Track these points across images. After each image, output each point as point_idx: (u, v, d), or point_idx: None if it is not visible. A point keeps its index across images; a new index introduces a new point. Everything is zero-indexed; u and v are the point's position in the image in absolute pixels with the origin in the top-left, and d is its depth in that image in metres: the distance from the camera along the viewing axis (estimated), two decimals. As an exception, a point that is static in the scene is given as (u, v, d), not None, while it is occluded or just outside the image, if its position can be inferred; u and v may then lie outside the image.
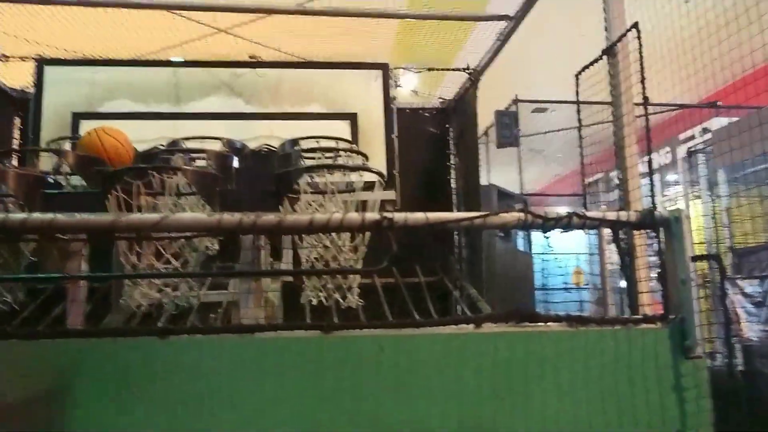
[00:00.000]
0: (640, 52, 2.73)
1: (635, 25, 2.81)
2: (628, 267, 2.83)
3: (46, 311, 3.44)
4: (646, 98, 2.75)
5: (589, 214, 2.41)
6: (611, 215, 2.45)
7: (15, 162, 4.12)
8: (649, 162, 2.65)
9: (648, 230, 2.50)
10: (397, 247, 2.43)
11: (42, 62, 4.48)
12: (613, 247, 3.57)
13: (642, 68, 2.78)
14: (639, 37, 2.78)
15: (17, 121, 5.04)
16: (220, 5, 3.89)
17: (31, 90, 4.82)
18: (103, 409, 2.12)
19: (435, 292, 4.23)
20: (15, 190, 2.72)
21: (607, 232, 5.40)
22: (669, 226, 2.43)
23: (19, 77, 4.97)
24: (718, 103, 7.00)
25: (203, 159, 3.63)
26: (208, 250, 3.34)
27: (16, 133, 5.01)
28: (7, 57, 4.60)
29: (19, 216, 2.17)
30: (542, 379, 2.23)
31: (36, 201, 2.73)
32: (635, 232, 2.76)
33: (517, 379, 2.22)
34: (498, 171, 8.85)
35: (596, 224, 2.46)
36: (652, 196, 2.59)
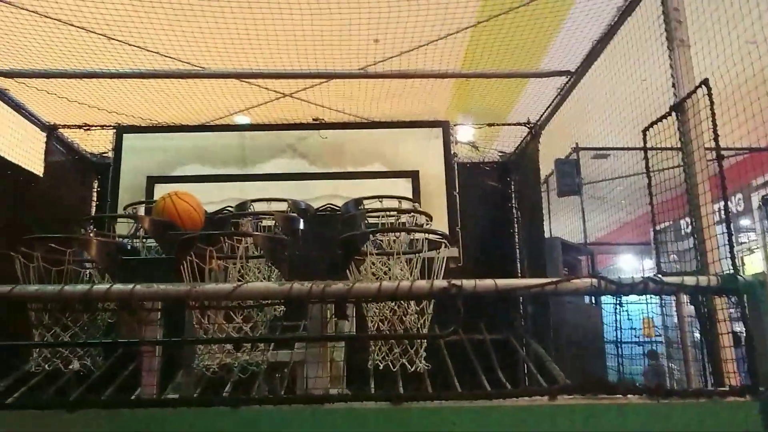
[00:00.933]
0: (712, 110, 2.65)
1: (705, 82, 2.74)
2: (709, 332, 2.69)
3: (110, 376, 3.55)
4: (720, 155, 2.66)
5: (666, 279, 2.32)
6: (690, 280, 2.34)
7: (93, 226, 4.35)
8: (727, 221, 2.54)
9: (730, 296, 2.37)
10: (463, 310, 2.40)
11: (121, 130, 4.76)
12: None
13: (714, 125, 2.70)
14: (710, 94, 2.71)
15: (95, 184, 5.35)
16: (286, 72, 4.06)
17: (109, 155, 5.13)
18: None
19: (500, 349, 4.13)
20: (97, 257, 2.85)
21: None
22: (753, 292, 2.31)
23: (96, 144, 5.30)
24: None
25: (270, 221, 3.73)
26: (276, 311, 3.39)
27: (95, 196, 5.32)
28: (89, 126, 4.91)
29: (103, 287, 2.27)
30: (624, 457, 2.12)
31: (116, 268, 2.85)
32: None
33: (597, 457, 2.12)
34: (558, 219, 8.68)
35: (674, 290, 2.36)
36: (732, 258, 2.46)
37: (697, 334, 2.95)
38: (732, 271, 2.35)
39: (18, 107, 4.52)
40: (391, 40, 4.24)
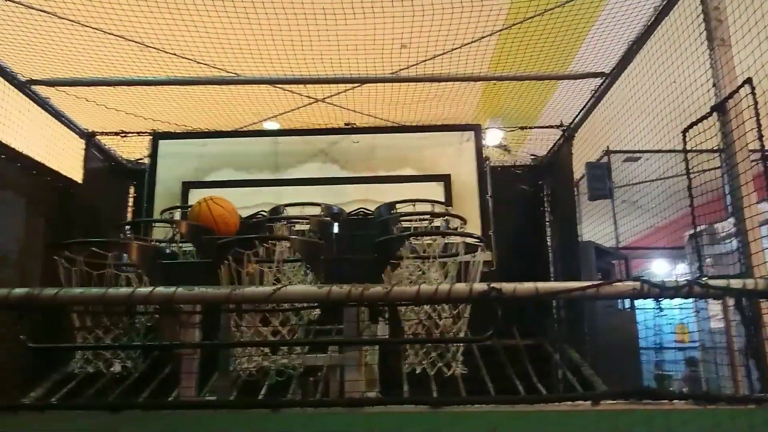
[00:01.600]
0: (756, 110, 2.59)
1: (748, 81, 2.68)
2: (754, 337, 2.62)
3: (148, 378, 3.60)
4: (765, 155, 2.59)
5: (711, 282, 2.26)
6: (736, 284, 2.29)
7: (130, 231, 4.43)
8: (773, 223, 2.48)
9: (779, 299, 2.31)
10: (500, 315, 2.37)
11: (157, 136, 4.84)
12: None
13: (759, 124, 2.63)
14: (753, 93, 2.64)
15: (131, 190, 5.45)
16: (318, 78, 4.10)
17: (144, 161, 5.23)
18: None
19: (534, 355, 4.08)
20: (137, 261, 2.90)
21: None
22: (803, 295, 2.25)
23: (132, 151, 5.41)
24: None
25: (304, 225, 3.75)
26: (311, 315, 3.40)
27: (131, 202, 5.42)
28: (126, 133, 5.01)
29: (145, 290, 2.30)
30: (671, 464, 2.07)
31: (154, 271, 2.89)
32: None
33: (643, 464, 2.07)
34: (590, 224, 8.57)
35: (720, 294, 2.30)
36: (781, 261, 2.40)
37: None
38: (780, 274, 2.29)
39: (58, 115, 4.63)
40: (423, 44, 4.25)
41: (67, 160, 4.88)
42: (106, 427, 2.21)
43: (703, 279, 2.27)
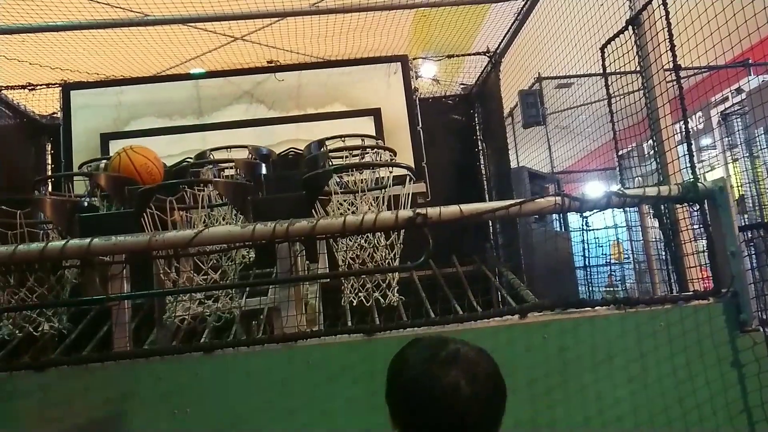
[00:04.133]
0: (668, 20, 2.62)
1: (659, -8, 2.70)
2: (672, 242, 2.74)
3: (91, 336, 3.51)
4: (677, 66, 2.64)
5: (628, 192, 2.34)
6: (651, 191, 2.36)
7: (50, 188, 4.21)
8: (686, 131, 2.54)
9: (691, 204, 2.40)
10: (432, 241, 2.39)
11: (67, 87, 4.55)
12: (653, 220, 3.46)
13: (671, 35, 2.67)
14: (665, 3, 2.66)
15: (48, 147, 5.16)
16: (234, 14, 3.89)
17: (58, 116, 4.93)
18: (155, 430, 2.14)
19: (474, 281, 4.19)
20: (53, 217, 2.76)
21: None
22: (714, 198, 2.34)
23: (46, 105, 5.08)
24: (750, 61, 6.73)
25: (232, 169, 3.65)
26: (245, 259, 3.35)
27: (49, 159, 5.13)
28: (34, 86, 4.68)
29: (58, 243, 2.19)
30: (596, 366, 2.17)
31: (74, 226, 2.76)
32: (677, 205, 2.66)
33: (570, 368, 2.17)
34: (527, 151, 8.71)
35: (636, 202, 2.38)
36: (693, 167, 2.48)
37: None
38: (692, 180, 2.38)
39: (-47, 70, 4.28)
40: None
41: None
42: (35, 386, 2.14)
43: (621, 189, 2.33)
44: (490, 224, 5.19)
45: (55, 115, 5.10)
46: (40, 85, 4.76)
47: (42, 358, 2.26)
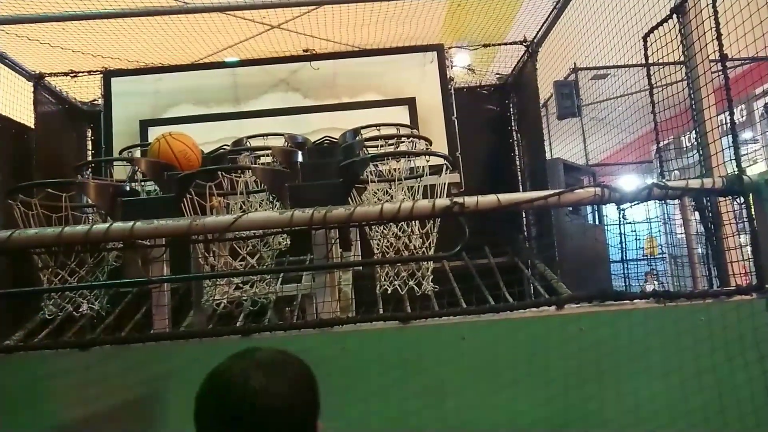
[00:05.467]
0: (714, 8, 2.55)
1: (708, -21, 2.62)
2: (714, 236, 2.68)
3: (128, 317, 3.60)
4: (724, 55, 2.57)
5: (670, 183, 2.29)
6: (695, 183, 2.32)
7: (90, 173, 4.31)
8: (732, 122, 2.48)
9: (735, 197, 2.35)
10: (468, 231, 2.39)
11: (108, 74, 4.65)
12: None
13: (717, 24, 2.59)
14: (712, -9, 2.59)
15: (89, 133, 5.28)
16: (272, 2, 3.91)
17: (99, 102, 5.04)
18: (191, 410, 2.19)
19: (506, 272, 4.16)
20: (97, 200, 2.83)
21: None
22: (759, 191, 2.28)
23: (87, 92, 5.19)
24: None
25: (268, 156, 3.68)
26: (281, 245, 3.39)
27: (89, 145, 5.26)
28: (76, 73, 4.79)
29: (102, 226, 2.25)
30: (632, 360, 2.15)
31: (116, 210, 2.83)
32: (720, 198, 2.60)
33: (605, 361, 2.14)
34: (561, 143, 8.59)
35: (679, 194, 2.33)
36: (738, 159, 2.41)
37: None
38: (737, 172, 2.32)
39: (1, 57, 4.39)
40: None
41: (17, 105, 4.66)
42: (77, 364, 2.21)
43: (662, 181, 2.29)
44: (524, 216, 5.14)
45: (95, 102, 5.22)
46: (82, 72, 4.87)
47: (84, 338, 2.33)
